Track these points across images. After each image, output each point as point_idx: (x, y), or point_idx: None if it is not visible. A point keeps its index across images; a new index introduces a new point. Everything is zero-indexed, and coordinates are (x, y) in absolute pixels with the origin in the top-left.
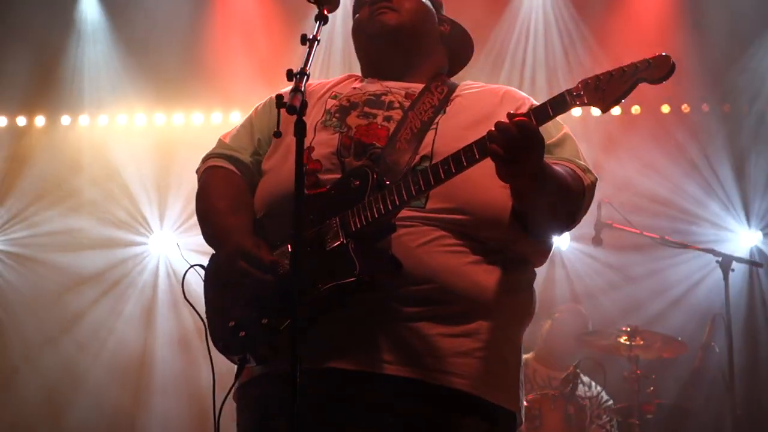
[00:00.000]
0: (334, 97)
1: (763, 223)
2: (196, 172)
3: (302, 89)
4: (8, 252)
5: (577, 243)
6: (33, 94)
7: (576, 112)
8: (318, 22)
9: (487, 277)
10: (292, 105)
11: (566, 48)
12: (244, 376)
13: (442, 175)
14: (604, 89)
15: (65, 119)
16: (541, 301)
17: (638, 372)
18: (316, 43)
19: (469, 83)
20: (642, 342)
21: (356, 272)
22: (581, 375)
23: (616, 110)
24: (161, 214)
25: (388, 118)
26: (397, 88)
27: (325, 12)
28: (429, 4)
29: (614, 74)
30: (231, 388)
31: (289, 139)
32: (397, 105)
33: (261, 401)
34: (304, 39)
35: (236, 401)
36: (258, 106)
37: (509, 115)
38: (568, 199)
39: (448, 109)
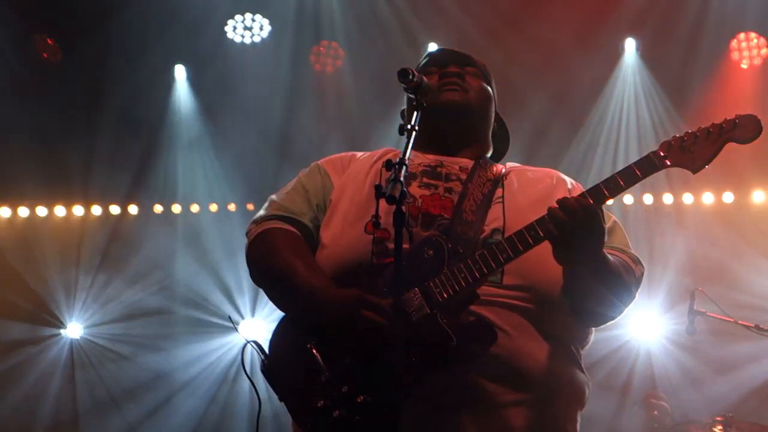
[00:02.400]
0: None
1: None
2: (247, 233)
3: (402, 179)
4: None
5: (671, 332)
6: (125, 183)
7: (668, 198)
8: (416, 112)
9: (556, 365)
10: (392, 195)
11: (659, 137)
12: None
13: (531, 241)
14: (692, 150)
15: (158, 208)
16: (635, 389)
17: None
18: (414, 132)
19: (511, 163)
20: None
21: (453, 343)
22: None
23: (708, 197)
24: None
25: (449, 190)
26: (449, 162)
27: (423, 102)
28: (491, 92)
29: (699, 135)
30: None
31: (345, 208)
32: (454, 177)
33: None
34: (402, 130)
35: None
36: (304, 172)
37: (580, 196)
38: (619, 290)
39: (505, 183)
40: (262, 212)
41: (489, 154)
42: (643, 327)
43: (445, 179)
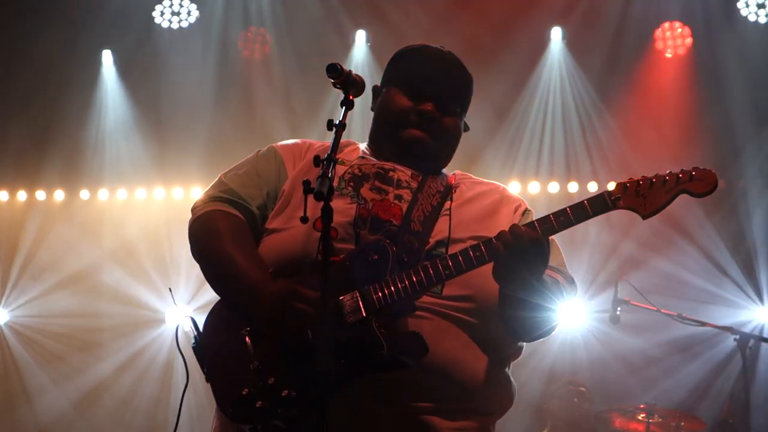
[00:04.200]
0: (341, 163)
1: None
2: (192, 209)
3: (330, 176)
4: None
5: (595, 321)
6: (52, 168)
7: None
8: (344, 107)
9: (490, 376)
10: (320, 191)
11: (584, 125)
12: None
13: (474, 262)
14: (645, 195)
15: (84, 194)
16: (557, 375)
17: None
18: (342, 129)
19: (461, 173)
20: (660, 419)
21: (383, 351)
22: None
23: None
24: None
25: (398, 197)
26: (402, 168)
27: (351, 97)
28: (461, 129)
29: (655, 182)
30: None
31: (297, 200)
32: (405, 184)
33: None
34: (330, 125)
35: None
36: (259, 154)
37: (529, 225)
38: (552, 311)
39: (454, 196)
40: (210, 191)
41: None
42: (567, 315)
43: (396, 185)
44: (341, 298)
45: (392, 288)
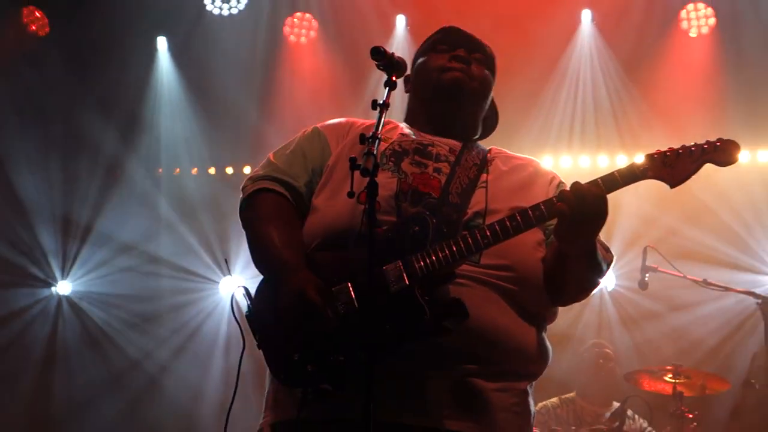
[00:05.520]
0: (384, 140)
1: None
2: (242, 189)
3: (375, 152)
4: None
5: (623, 287)
6: (111, 147)
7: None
8: (387, 88)
9: (527, 339)
10: (365, 168)
11: (613, 102)
12: (284, 415)
13: (511, 231)
14: (672, 166)
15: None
16: (583, 339)
17: (683, 408)
18: (386, 108)
19: (496, 149)
20: (686, 380)
21: (426, 317)
22: (628, 411)
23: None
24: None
25: (437, 170)
26: (440, 143)
27: (394, 78)
28: (492, 81)
29: (681, 152)
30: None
31: (340, 177)
32: (443, 158)
33: None
34: (375, 104)
35: None
36: (304, 133)
37: (579, 185)
38: (595, 275)
39: (490, 169)
40: (259, 170)
41: (477, 136)
42: None
43: (435, 159)
44: (384, 267)
45: (433, 257)
